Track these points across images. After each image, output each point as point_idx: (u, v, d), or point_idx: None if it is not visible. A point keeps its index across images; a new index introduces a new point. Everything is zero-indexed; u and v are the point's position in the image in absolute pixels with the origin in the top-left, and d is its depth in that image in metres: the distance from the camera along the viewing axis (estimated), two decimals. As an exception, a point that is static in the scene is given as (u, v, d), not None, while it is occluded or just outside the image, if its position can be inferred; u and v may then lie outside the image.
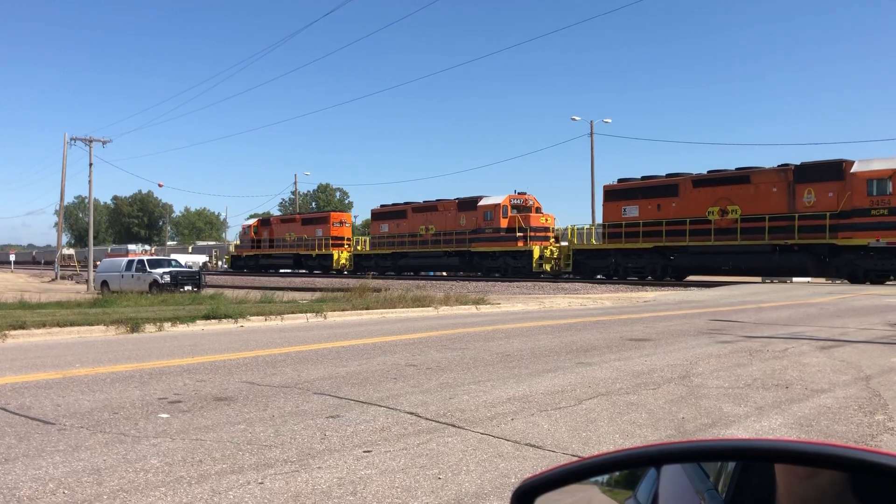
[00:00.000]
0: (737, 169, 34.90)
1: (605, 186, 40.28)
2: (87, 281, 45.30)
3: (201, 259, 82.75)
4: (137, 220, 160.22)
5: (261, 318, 15.42)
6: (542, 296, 26.47)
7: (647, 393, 6.76)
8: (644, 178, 38.82)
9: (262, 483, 4.09)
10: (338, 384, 7.35)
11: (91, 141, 48.08)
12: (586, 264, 40.58)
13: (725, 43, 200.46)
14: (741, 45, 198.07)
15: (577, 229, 45.94)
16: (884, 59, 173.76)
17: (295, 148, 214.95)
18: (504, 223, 44.36)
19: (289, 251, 62.38)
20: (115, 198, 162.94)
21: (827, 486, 0.96)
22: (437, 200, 50.00)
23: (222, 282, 45.72)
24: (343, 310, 17.49)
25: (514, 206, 44.86)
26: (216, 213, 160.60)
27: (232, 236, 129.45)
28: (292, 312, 16.38)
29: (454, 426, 5.48)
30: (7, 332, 12.00)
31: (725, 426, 5.50)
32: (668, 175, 37.57)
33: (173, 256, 52.53)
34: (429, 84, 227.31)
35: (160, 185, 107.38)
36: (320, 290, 31.35)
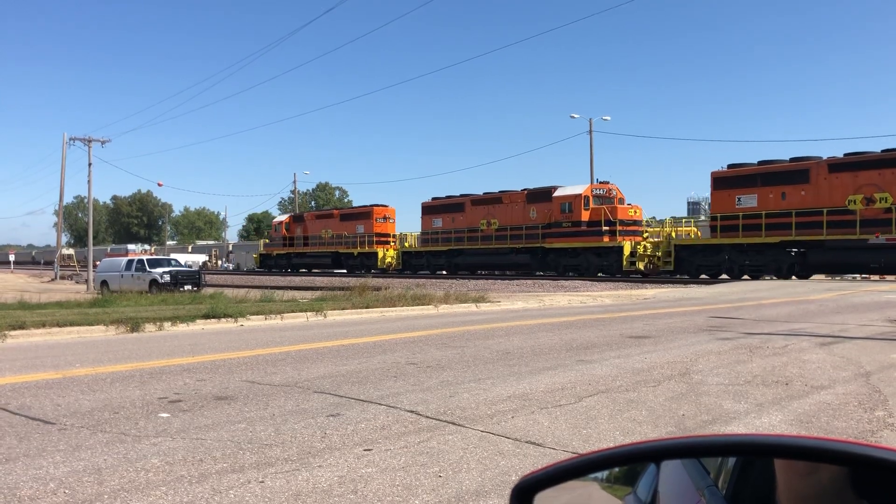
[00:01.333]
0: (883, 151, 30.68)
1: (713, 173, 35.46)
2: (86, 281, 45.28)
3: (201, 259, 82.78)
4: (137, 219, 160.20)
5: (261, 317, 15.41)
6: (541, 294, 26.47)
7: (647, 390, 6.76)
8: (761, 163, 34.31)
9: (262, 482, 4.09)
10: (338, 383, 7.35)
11: (90, 141, 48.04)
12: (690, 262, 36.11)
13: (725, 39, 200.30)
14: (741, 41, 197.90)
15: (675, 220, 41.56)
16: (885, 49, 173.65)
17: (294, 147, 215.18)
18: (585, 216, 39.41)
19: (326, 249, 58.03)
20: (114, 197, 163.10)
21: (827, 482, 0.96)
22: (502, 192, 45.39)
23: (223, 281, 45.69)
24: (343, 308, 17.48)
25: (595, 197, 40.02)
26: (215, 213, 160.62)
27: (231, 236, 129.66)
28: (292, 311, 16.38)
29: (454, 424, 5.48)
30: (7, 332, 11.99)
31: (725, 423, 5.50)
32: (793, 159, 33.16)
33: (173, 256, 52.53)
34: (427, 82, 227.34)
35: (159, 185, 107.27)
36: (320, 288, 31.36)
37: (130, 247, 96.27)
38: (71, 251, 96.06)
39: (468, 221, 46.68)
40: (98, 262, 44.05)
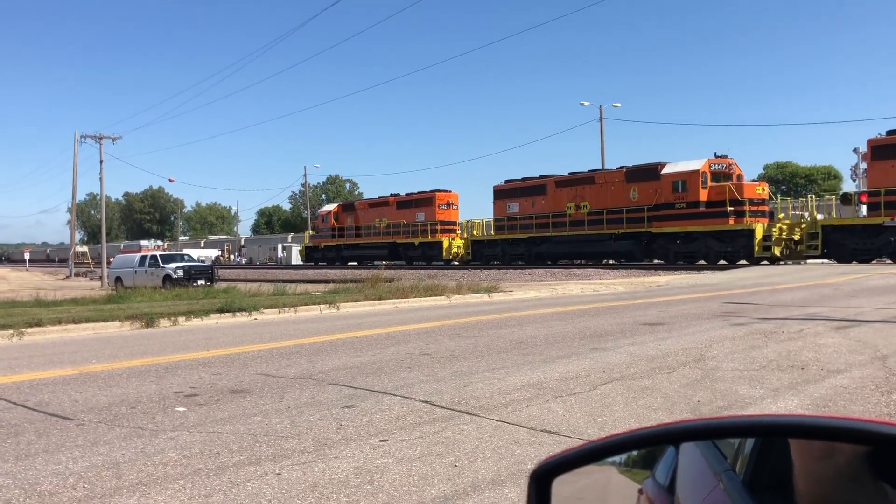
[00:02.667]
0: None
1: (870, 141, 31.18)
2: (100, 277, 45.57)
3: (213, 253, 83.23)
4: (149, 215, 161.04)
5: (274, 310, 15.47)
6: (553, 282, 26.44)
7: (661, 377, 6.75)
8: None
9: (279, 474, 4.12)
10: (352, 374, 7.37)
11: (101, 138, 48.31)
12: (843, 245, 31.65)
13: (735, 24, 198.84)
14: (754, 26, 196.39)
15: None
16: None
17: (304, 141, 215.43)
18: (704, 195, 34.46)
19: (382, 240, 53.84)
20: (126, 194, 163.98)
21: (843, 465, 0.96)
22: (593, 171, 40.95)
23: (235, 275, 45.86)
24: (356, 301, 17.52)
25: (714, 174, 35.11)
26: (227, 208, 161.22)
27: (243, 230, 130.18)
28: (305, 304, 16.43)
29: (469, 414, 5.49)
30: (24, 329, 12.09)
31: (741, 408, 5.49)
32: None
33: (186, 251, 52.85)
34: (435, 73, 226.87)
35: (171, 181, 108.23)
36: (333, 281, 31.43)
37: (143, 243, 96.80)
38: (85, 248, 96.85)
39: (552, 205, 41.83)
40: (112, 259, 44.34)
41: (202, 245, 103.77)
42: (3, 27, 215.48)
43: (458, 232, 51.15)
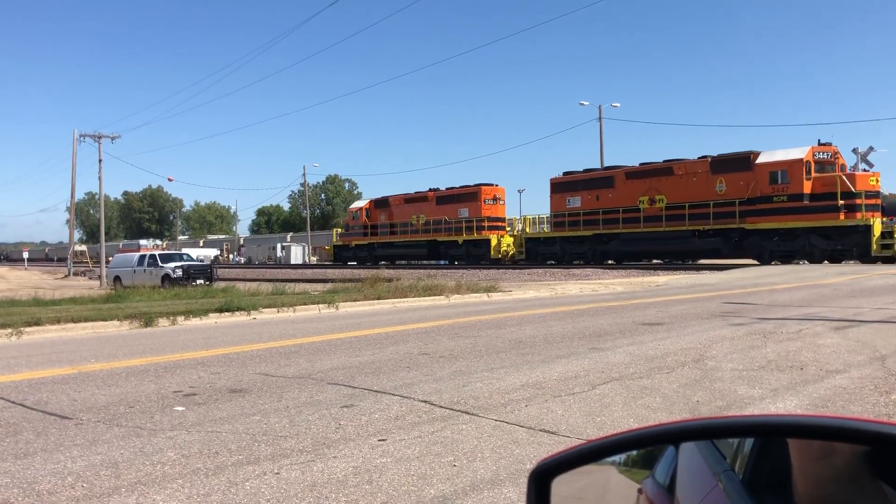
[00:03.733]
0: None
1: None
2: (99, 277, 45.55)
3: (212, 253, 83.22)
4: (148, 215, 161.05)
5: (273, 310, 15.47)
6: (552, 282, 26.45)
7: (660, 377, 6.75)
8: None
9: (278, 473, 4.11)
10: (351, 374, 7.37)
11: (100, 137, 48.24)
12: None
13: (735, 24, 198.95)
14: (751, 26, 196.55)
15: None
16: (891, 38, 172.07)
17: (303, 140, 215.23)
18: (807, 187, 30.95)
19: (420, 237, 49.86)
20: (125, 193, 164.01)
21: (842, 465, 0.96)
22: (673, 161, 36.57)
23: (234, 275, 45.85)
24: (355, 300, 17.52)
25: (818, 164, 31.55)
26: (226, 207, 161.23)
27: (242, 230, 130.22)
28: (304, 304, 16.42)
29: (468, 413, 5.49)
30: (23, 328, 12.08)
31: (740, 408, 5.49)
32: None
33: (184, 251, 52.86)
34: (436, 72, 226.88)
35: (170, 180, 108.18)
36: (332, 281, 31.43)
37: (142, 242, 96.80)
38: (83, 247, 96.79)
39: (621, 199, 37.81)
40: (110, 258, 44.35)
41: (201, 244, 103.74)
42: (2, 26, 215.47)
43: (508, 229, 47.18)
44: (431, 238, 49.03)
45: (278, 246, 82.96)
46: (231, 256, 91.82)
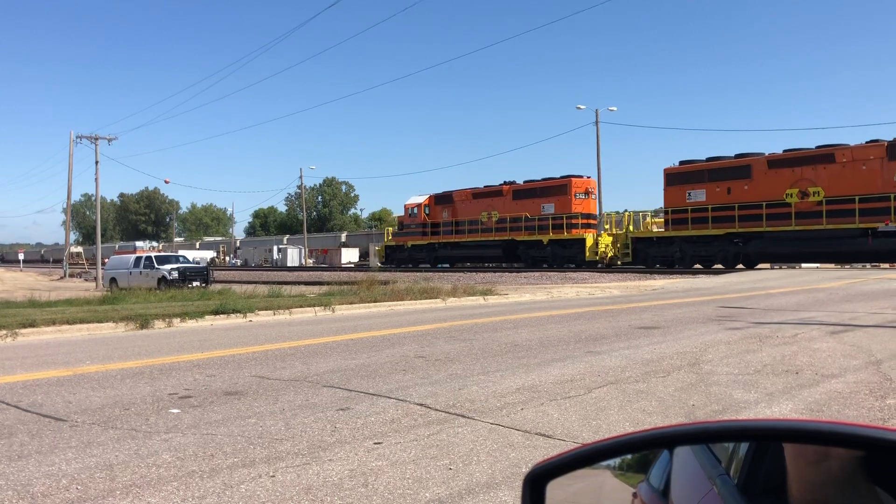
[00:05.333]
0: None
1: None
2: (95, 278, 45.46)
3: (209, 255, 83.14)
4: (144, 217, 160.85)
5: (269, 312, 15.45)
6: (549, 285, 26.45)
7: (656, 381, 6.75)
8: None
9: (273, 476, 4.11)
10: (347, 377, 7.36)
11: (97, 138, 48.17)
12: None
13: (731, 28, 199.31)
14: (747, 29, 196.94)
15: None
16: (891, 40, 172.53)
17: (300, 142, 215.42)
18: None
19: (493, 237, 44.27)
20: (121, 195, 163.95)
21: (837, 470, 0.96)
22: (832, 147, 31.29)
23: (231, 277, 45.80)
24: (351, 303, 17.50)
25: None
26: (223, 209, 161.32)
27: (239, 232, 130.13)
28: (300, 306, 16.40)
29: (464, 417, 5.49)
30: (18, 330, 12.05)
31: (736, 412, 5.49)
32: None
33: (181, 253, 52.79)
34: (433, 75, 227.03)
35: (166, 182, 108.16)
36: (328, 283, 31.39)
37: (138, 244, 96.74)
38: (79, 249, 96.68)
39: (760, 191, 32.57)
40: (106, 260, 44.25)
41: (197, 246, 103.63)
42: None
43: (607, 227, 41.97)
44: (508, 238, 43.24)
45: (275, 248, 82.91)
46: (227, 259, 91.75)
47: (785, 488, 1.01)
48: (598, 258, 39.39)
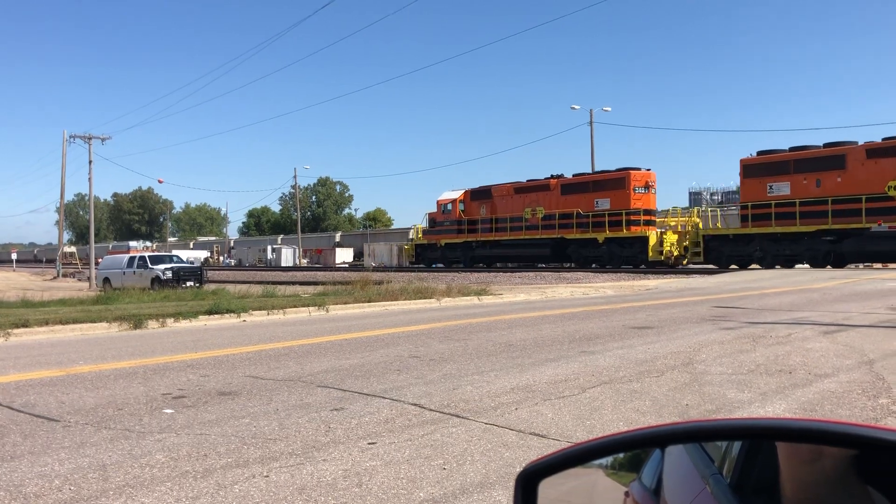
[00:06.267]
0: None
1: None
2: (88, 278, 45.33)
3: (203, 255, 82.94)
4: (138, 216, 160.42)
5: (263, 312, 15.42)
6: (544, 285, 26.46)
7: (650, 380, 6.76)
8: None
9: (267, 476, 4.10)
10: (341, 377, 7.36)
11: (90, 138, 48.03)
12: None
13: (726, 29, 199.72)
14: (741, 30, 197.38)
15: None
16: (887, 39, 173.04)
17: (294, 142, 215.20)
18: None
19: (539, 235, 40.84)
20: (115, 195, 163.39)
21: (830, 469, 0.96)
22: None
23: (225, 277, 45.68)
24: (345, 303, 17.48)
25: None
26: (216, 209, 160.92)
27: (233, 232, 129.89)
28: (294, 306, 16.38)
29: (458, 417, 5.49)
30: (10, 330, 12.00)
31: (729, 412, 5.50)
32: None
33: (174, 253, 52.59)
34: (426, 75, 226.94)
35: (160, 182, 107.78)
36: (322, 283, 31.36)
37: (132, 244, 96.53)
38: (73, 249, 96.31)
39: (857, 184, 29.72)
40: (100, 260, 44.14)
41: (191, 246, 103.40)
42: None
43: (673, 224, 38.23)
44: (557, 236, 39.86)
45: (269, 248, 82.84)
46: (221, 259, 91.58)
47: (778, 488, 1.01)
48: (662, 258, 36.15)
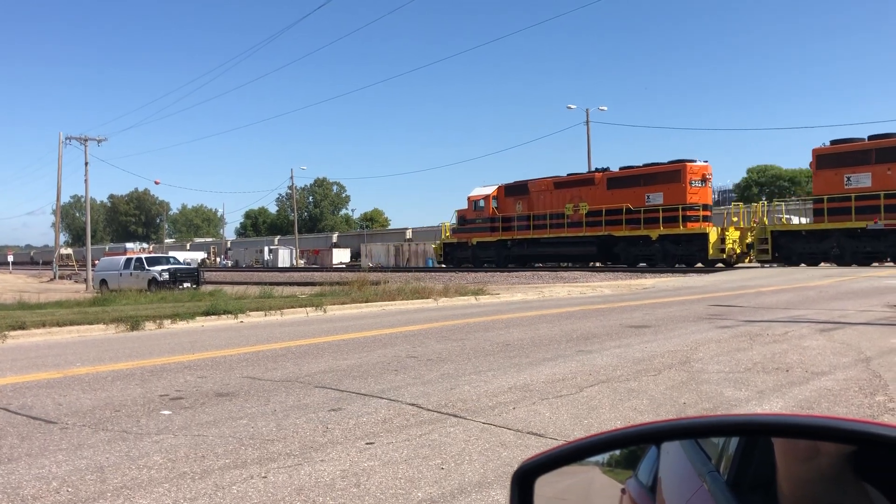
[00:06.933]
0: None
1: None
2: (85, 280, 45.28)
3: (199, 256, 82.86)
4: (134, 218, 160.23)
5: (260, 313, 15.41)
6: (541, 285, 26.47)
7: (647, 379, 6.77)
8: None
9: (265, 477, 4.10)
10: (339, 377, 7.35)
11: (86, 140, 48.01)
12: None
13: (722, 28, 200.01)
14: (739, 30, 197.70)
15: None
16: (886, 39, 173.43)
17: (290, 143, 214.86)
18: None
19: (583, 232, 37.85)
20: (111, 196, 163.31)
21: (826, 466, 0.96)
22: None
23: (221, 278, 45.64)
24: (343, 303, 17.47)
25: None
26: (213, 210, 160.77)
27: (229, 233, 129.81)
28: (292, 307, 16.36)
29: (456, 416, 5.49)
30: (7, 332, 11.98)
31: (726, 410, 5.52)
32: None
33: (171, 254, 52.57)
34: (424, 75, 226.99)
35: (156, 183, 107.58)
36: (319, 284, 31.33)
37: (129, 245, 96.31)
38: (69, 251, 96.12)
39: None
40: (97, 261, 44.06)
41: (188, 248, 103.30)
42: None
43: (734, 220, 35.75)
44: (604, 233, 36.98)
45: (266, 249, 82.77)
46: (218, 260, 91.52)
47: (775, 485, 1.02)
48: (724, 256, 33.51)
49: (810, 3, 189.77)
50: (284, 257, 77.25)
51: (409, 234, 76.54)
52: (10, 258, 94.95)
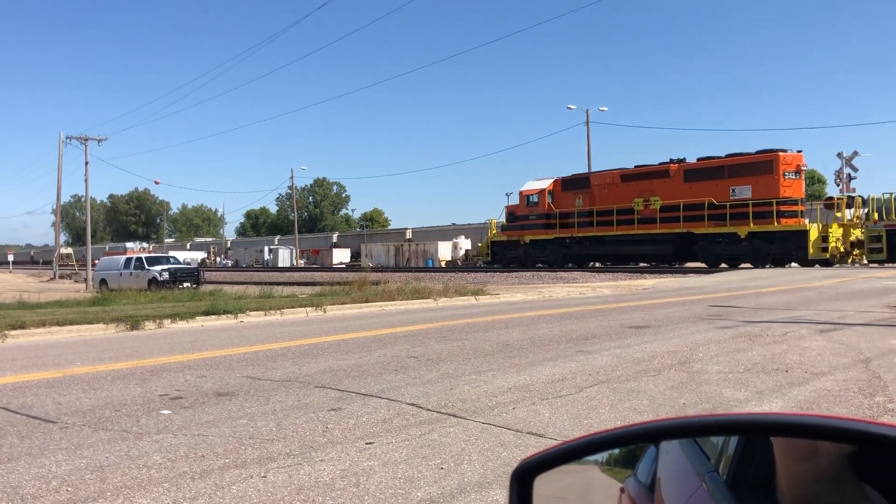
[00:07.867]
0: None
1: None
2: (85, 280, 45.26)
3: (199, 256, 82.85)
4: (135, 218, 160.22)
5: (260, 313, 15.41)
6: (540, 285, 26.45)
7: (647, 380, 6.77)
8: None
9: (265, 477, 4.10)
10: (339, 377, 7.35)
11: (86, 139, 47.97)
12: None
13: (723, 29, 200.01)
14: (739, 31, 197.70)
15: None
16: (884, 41, 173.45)
17: (291, 143, 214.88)
18: None
19: (657, 230, 34.38)
20: (111, 196, 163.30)
21: (825, 466, 0.96)
22: None
23: (221, 278, 45.62)
24: (342, 303, 17.46)
25: None
26: (213, 210, 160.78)
27: (229, 233, 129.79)
28: (291, 307, 16.36)
29: (456, 416, 5.49)
30: (7, 332, 11.98)
31: (726, 410, 5.51)
32: None
33: (171, 254, 52.56)
34: (424, 76, 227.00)
35: (156, 183, 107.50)
36: (319, 284, 31.32)
37: (129, 245, 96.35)
38: (69, 250, 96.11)
39: None
40: (97, 261, 44.05)
41: (188, 247, 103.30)
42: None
43: (838, 216, 32.21)
44: (682, 230, 33.39)
45: (266, 249, 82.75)
46: (218, 259, 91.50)
47: (774, 485, 1.02)
48: (826, 255, 30.15)
49: (816, 7, 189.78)
50: (284, 257, 77.19)
51: (409, 234, 76.57)
52: (11, 257, 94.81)
